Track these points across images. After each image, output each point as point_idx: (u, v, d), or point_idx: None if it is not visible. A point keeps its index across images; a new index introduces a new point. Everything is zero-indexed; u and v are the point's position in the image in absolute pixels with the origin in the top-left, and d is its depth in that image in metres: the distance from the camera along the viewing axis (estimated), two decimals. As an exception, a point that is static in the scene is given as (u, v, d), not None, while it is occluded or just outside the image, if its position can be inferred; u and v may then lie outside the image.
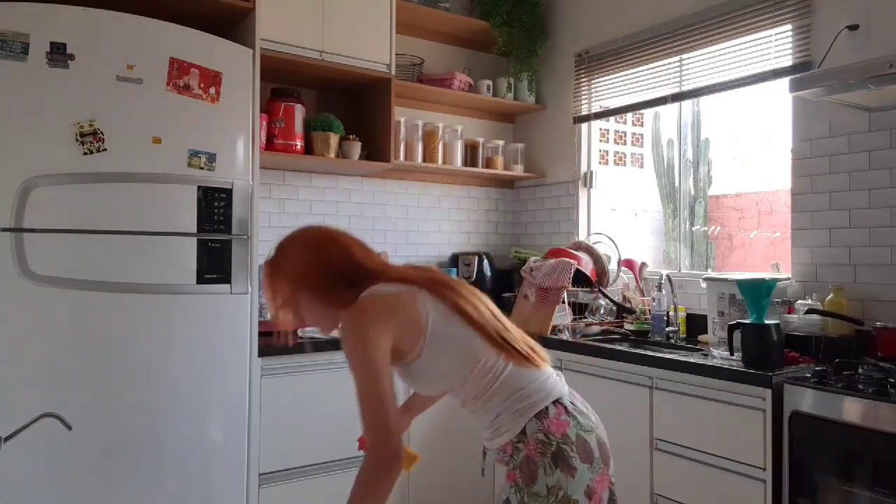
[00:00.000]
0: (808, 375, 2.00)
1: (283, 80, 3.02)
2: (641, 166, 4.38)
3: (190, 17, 2.46)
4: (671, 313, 2.88)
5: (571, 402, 1.42)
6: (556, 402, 1.39)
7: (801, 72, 2.46)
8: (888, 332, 2.19)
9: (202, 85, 2.27)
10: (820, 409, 1.91)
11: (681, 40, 3.02)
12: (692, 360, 2.27)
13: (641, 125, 4.41)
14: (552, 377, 1.45)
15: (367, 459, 1.27)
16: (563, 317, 2.97)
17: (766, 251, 4.04)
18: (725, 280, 2.40)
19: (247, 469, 2.37)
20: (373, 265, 1.45)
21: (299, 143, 2.89)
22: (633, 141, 4.39)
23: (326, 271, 1.42)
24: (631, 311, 3.10)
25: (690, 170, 4.02)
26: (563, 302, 2.98)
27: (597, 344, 2.66)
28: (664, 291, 2.88)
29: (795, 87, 2.17)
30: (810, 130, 2.54)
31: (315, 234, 1.49)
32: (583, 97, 3.53)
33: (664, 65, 3.11)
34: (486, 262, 3.56)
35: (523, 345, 1.44)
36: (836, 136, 2.46)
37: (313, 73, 2.99)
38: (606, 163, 4.15)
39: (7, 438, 1.48)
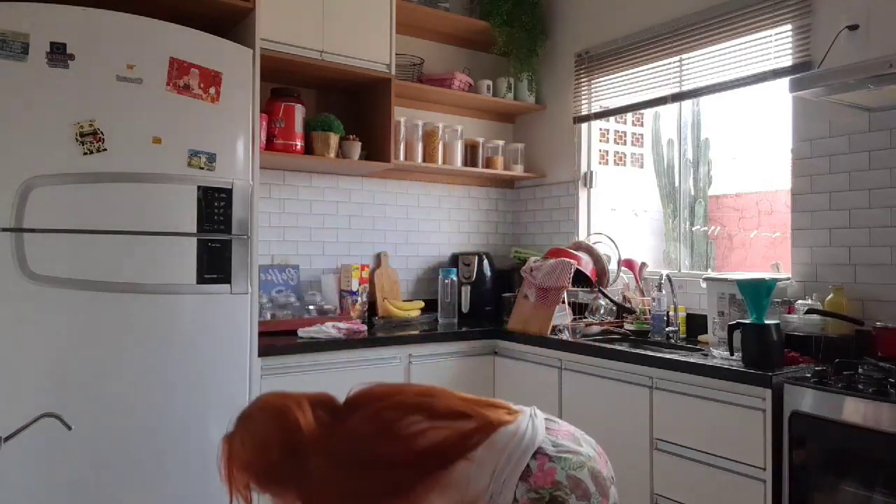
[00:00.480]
0: (808, 375, 2.00)
1: (283, 80, 3.02)
2: (641, 166, 4.38)
3: (190, 17, 2.46)
4: (671, 313, 2.88)
5: (553, 444, 1.35)
6: (537, 453, 1.32)
7: (801, 72, 2.46)
8: (888, 332, 2.19)
9: (202, 85, 2.27)
10: (820, 409, 1.90)
11: (681, 40, 3.02)
12: (692, 360, 2.27)
13: (641, 125, 4.41)
14: (522, 428, 1.36)
15: None
16: (563, 317, 2.97)
17: (766, 251, 4.04)
18: (725, 280, 2.40)
19: (247, 469, 2.36)
20: (322, 433, 1.41)
21: (299, 143, 2.89)
22: (633, 141, 4.40)
23: (273, 463, 1.39)
24: (631, 311, 3.10)
25: (690, 170, 4.02)
26: (563, 302, 2.98)
27: (597, 344, 2.66)
28: (664, 291, 2.88)
29: (795, 87, 2.17)
30: (810, 130, 2.54)
31: (266, 412, 1.47)
32: (583, 97, 3.53)
33: (664, 65, 3.11)
34: (486, 262, 3.56)
35: (480, 417, 1.37)
36: (836, 136, 2.46)
37: (313, 73, 2.99)
38: (606, 163, 4.15)
39: (7, 438, 1.48)
